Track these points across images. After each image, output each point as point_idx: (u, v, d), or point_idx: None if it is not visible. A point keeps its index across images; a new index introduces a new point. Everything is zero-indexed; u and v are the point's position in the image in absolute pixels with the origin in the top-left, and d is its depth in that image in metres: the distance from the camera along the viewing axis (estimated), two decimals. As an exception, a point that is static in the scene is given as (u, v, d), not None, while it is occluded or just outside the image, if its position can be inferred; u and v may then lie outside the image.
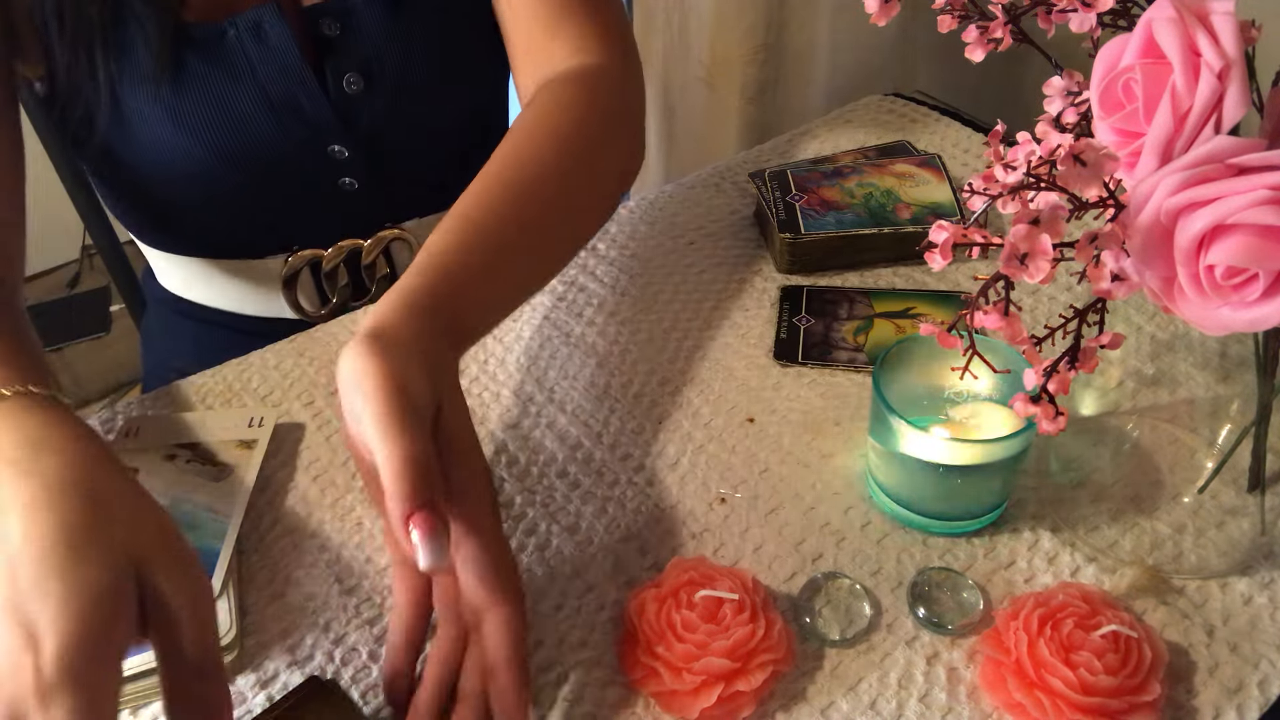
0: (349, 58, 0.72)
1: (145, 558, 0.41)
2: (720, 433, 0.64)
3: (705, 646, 0.48)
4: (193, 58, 0.67)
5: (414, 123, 0.77)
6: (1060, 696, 0.46)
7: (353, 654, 0.52)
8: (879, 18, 0.45)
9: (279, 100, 0.70)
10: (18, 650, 0.38)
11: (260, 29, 0.68)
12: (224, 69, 0.68)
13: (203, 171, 0.71)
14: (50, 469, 0.43)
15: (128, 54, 0.65)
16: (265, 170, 0.73)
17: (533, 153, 0.61)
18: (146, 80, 0.66)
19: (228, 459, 0.60)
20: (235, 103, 0.69)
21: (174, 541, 0.43)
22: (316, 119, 0.72)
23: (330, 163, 0.75)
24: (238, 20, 0.67)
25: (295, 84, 0.70)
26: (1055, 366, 0.41)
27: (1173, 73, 0.37)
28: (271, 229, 0.79)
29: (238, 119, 0.69)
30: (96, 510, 0.41)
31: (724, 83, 1.35)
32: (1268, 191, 0.34)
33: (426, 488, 0.43)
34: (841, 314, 0.72)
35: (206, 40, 0.67)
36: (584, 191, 0.64)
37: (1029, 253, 0.37)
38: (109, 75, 0.65)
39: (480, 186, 0.58)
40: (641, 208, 0.85)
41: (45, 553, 0.39)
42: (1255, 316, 0.37)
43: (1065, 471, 0.61)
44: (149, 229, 0.81)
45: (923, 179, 0.81)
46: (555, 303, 0.74)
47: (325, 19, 0.70)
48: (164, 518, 0.43)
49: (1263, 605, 0.53)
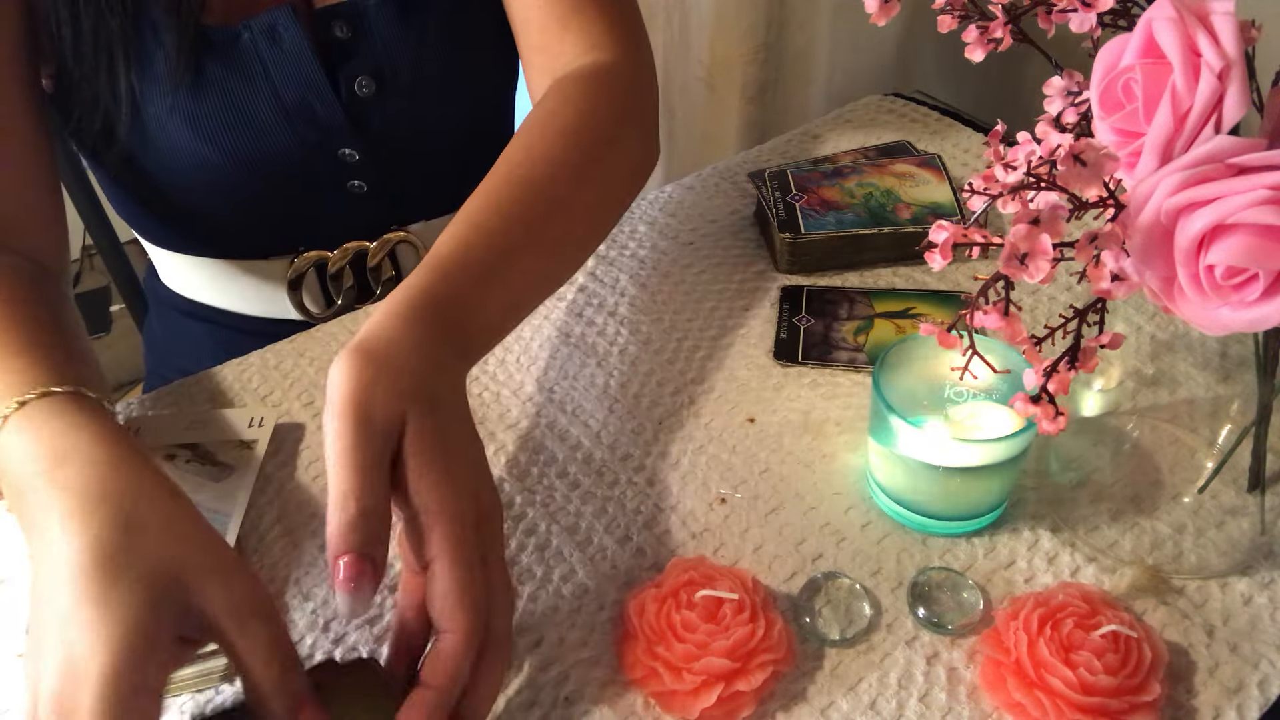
0: (360, 61, 0.72)
1: (184, 569, 0.40)
2: (720, 433, 0.64)
3: (705, 646, 0.48)
4: (209, 62, 0.67)
5: (424, 126, 0.77)
6: (1060, 696, 0.46)
7: (352, 654, 0.52)
8: (879, 18, 0.45)
9: (292, 103, 0.70)
10: (64, 676, 0.38)
11: (275, 32, 0.68)
12: (239, 72, 0.68)
13: (215, 174, 0.71)
14: (79, 481, 0.42)
15: (147, 63, 0.65)
16: (277, 173, 0.73)
17: (543, 150, 0.61)
18: (165, 87, 0.66)
19: (228, 459, 0.60)
20: (250, 106, 0.69)
21: (214, 549, 0.42)
22: (328, 122, 0.72)
23: (340, 165, 0.75)
24: (253, 23, 0.67)
25: (308, 87, 0.70)
26: (1055, 366, 0.41)
27: (1173, 73, 0.37)
28: (279, 231, 0.78)
29: (252, 122, 0.69)
30: (129, 525, 0.41)
31: (724, 83, 1.35)
32: (1268, 191, 0.34)
33: (361, 530, 0.41)
34: (841, 314, 0.72)
35: (222, 44, 0.67)
36: (596, 189, 0.63)
37: (1029, 253, 0.37)
38: (129, 86, 0.65)
39: (488, 187, 0.58)
40: (641, 208, 0.85)
41: (77, 576, 0.39)
42: (1255, 316, 0.37)
43: (1065, 471, 0.61)
44: (156, 230, 0.81)
45: (923, 179, 0.81)
46: (555, 303, 0.74)
47: (337, 21, 0.70)
48: (200, 524, 0.43)
49: (1263, 605, 0.53)
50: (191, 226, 0.78)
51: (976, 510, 0.56)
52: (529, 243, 0.56)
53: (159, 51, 0.65)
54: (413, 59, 0.73)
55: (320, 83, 0.70)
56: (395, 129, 0.75)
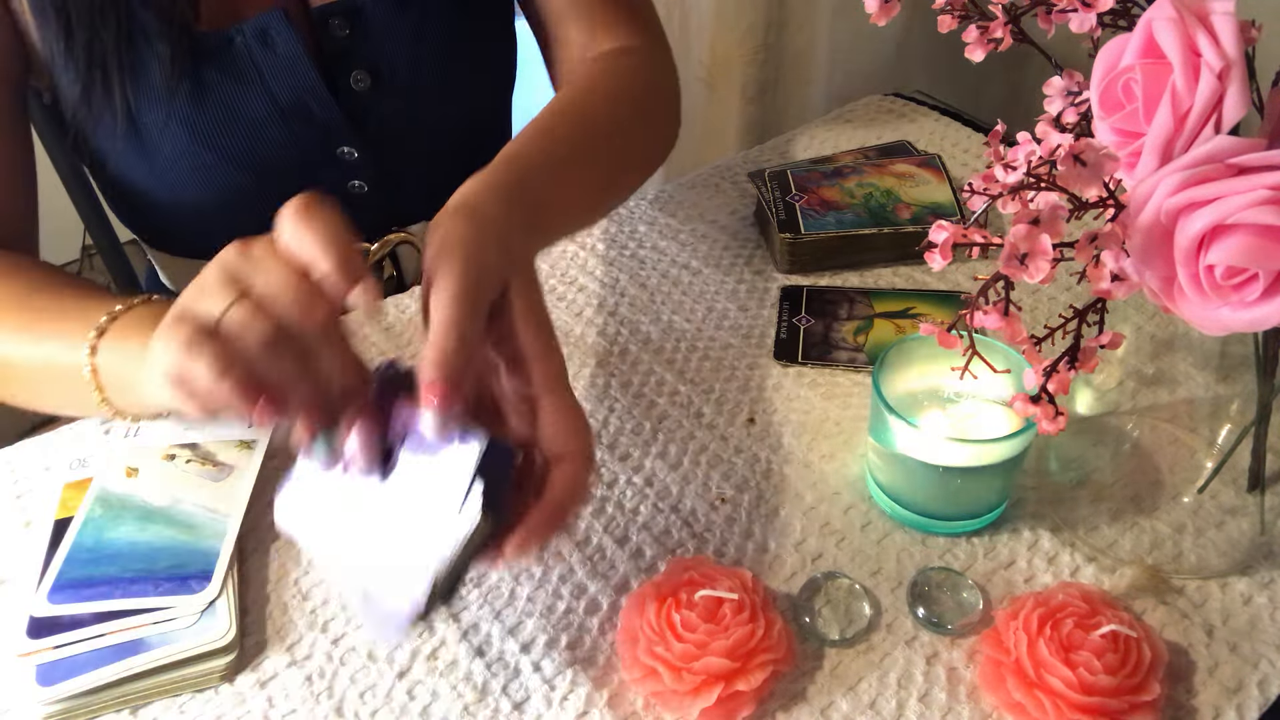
0: (358, 57, 0.72)
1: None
2: (720, 433, 0.64)
3: (705, 646, 0.48)
4: (203, 68, 0.67)
5: (421, 124, 0.78)
6: (1060, 696, 0.46)
7: (352, 654, 0.52)
8: (879, 18, 0.45)
9: (289, 104, 0.70)
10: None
11: (267, 35, 0.68)
12: (234, 76, 0.68)
13: (216, 178, 0.71)
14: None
15: (142, 72, 0.66)
16: (276, 175, 0.73)
17: (584, 101, 0.67)
18: (161, 95, 0.66)
19: (228, 459, 0.60)
20: (247, 109, 0.69)
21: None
22: (326, 120, 0.72)
23: (340, 165, 0.75)
24: (244, 27, 0.67)
25: (304, 88, 0.70)
26: (1055, 366, 0.41)
27: (1173, 73, 0.37)
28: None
29: (249, 125, 0.70)
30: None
31: (724, 83, 1.35)
32: (1268, 191, 0.34)
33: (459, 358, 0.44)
34: (841, 314, 0.72)
35: (215, 49, 0.67)
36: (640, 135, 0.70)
37: (1029, 253, 0.37)
38: (124, 96, 0.66)
39: (535, 121, 0.63)
40: (641, 207, 0.85)
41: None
42: (1255, 316, 0.37)
43: (1065, 471, 0.61)
44: (156, 234, 0.81)
45: (923, 179, 0.81)
46: (555, 303, 0.74)
47: (334, 19, 0.70)
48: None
49: (1263, 605, 0.53)
50: (191, 231, 0.78)
51: (976, 510, 0.56)
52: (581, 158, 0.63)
53: (153, 60, 0.65)
54: (410, 56, 0.73)
55: (316, 82, 0.70)
56: (392, 127, 0.76)
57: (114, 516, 0.56)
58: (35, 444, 0.63)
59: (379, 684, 0.50)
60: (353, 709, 0.49)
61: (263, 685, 0.50)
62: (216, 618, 0.51)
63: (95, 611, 0.51)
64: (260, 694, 0.50)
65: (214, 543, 0.55)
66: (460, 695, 0.50)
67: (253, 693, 0.50)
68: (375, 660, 0.51)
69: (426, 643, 0.52)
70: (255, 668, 0.51)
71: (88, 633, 0.50)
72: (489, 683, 0.50)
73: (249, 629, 0.53)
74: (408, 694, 0.50)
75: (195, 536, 0.55)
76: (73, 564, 0.53)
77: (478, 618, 0.53)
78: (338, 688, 0.50)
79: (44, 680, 0.48)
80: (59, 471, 0.59)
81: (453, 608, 0.54)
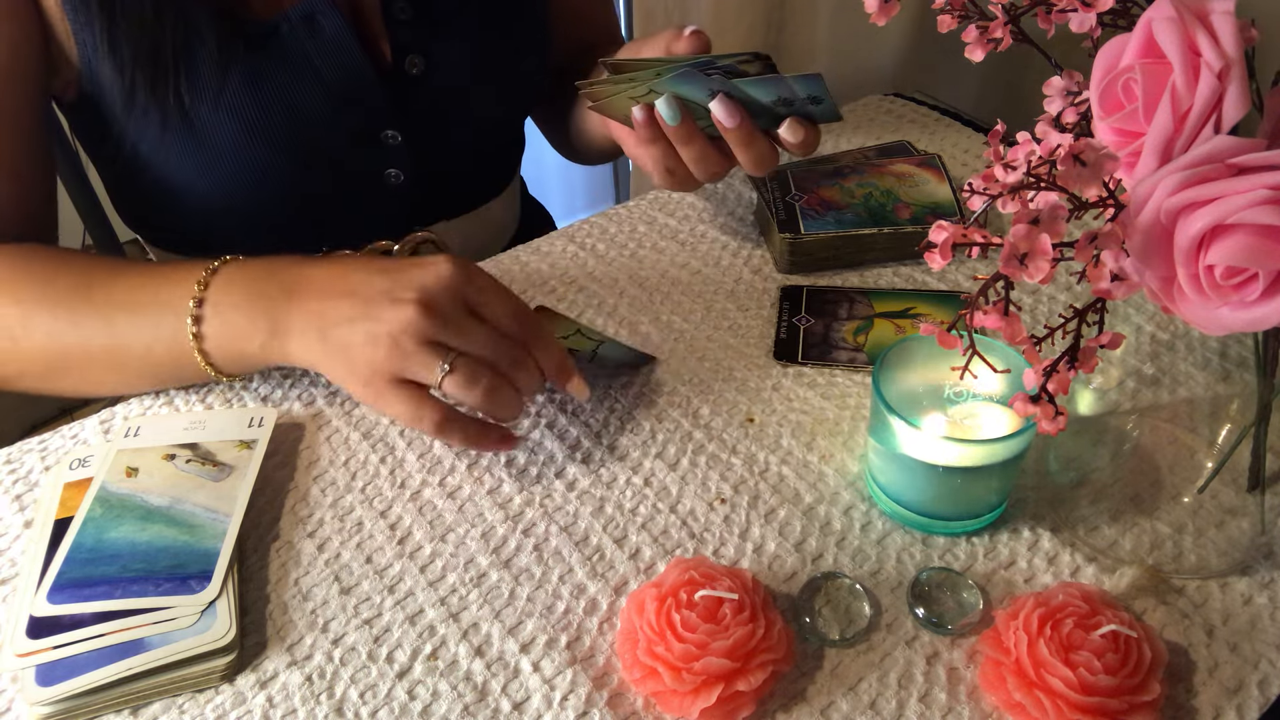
0: (417, 41, 0.74)
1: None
2: (720, 433, 0.64)
3: (705, 646, 0.48)
4: (251, 57, 0.68)
5: (465, 116, 0.80)
6: (1060, 696, 0.46)
7: (352, 654, 0.52)
8: (879, 18, 0.45)
9: (337, 90, 0.72)
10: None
11: (314, 21, 0.69)
12: (279, 62, 0.69)
13: (258, 170, 0.72)
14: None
15: (193, 68, 0.66)
16: (321, 162, 0.74)
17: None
18: (210, 87, 0.67)
19: (228, 459, 0.60)
20: (295, 96, 0.70)
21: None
22: (373, 104, 0.74)
23: (383, 149, 0.77)
24: (290, 14, 0.69)
25: (351, 73, 0.72)
26: (1055, 366, 0.41)
27: (1173, 73, 0.37)
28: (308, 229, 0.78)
29: (299, 112, 0.71)
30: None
31: (724, 83, 1.35)
32: (1268, 191, 0.34)
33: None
34: (841, 314, 0.72)
35: (261, 37, 0.68)
36: None
37: (1029, 253, 0.37)
38: (176, 91, 0.67)
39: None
40: (641, 208, 0.85)
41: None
42: (1255, 316, 0.37)
43: (1065, 471, 0.61)
44: (165, 230, 0.81)
45: (923, 179, 0.81)
46: (555, 303, 0.74)
47: (399, 2, 0.73)
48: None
49: (1263, 605, 0.53)
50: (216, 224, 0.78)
51: (976, 510, 0.56)
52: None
53: (201, 50, 0.66)
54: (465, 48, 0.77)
55: (363, 62, 0.72)
56: (438, 114, 0.78)
57: (114, 516, 0.56)
58: (35, 444, 0.63)
59: (379, 684, 0.50)
60: (353, 709, 0.49)
61: (263, 685, 0.50)
62: (216, 618, 0.51)
63: (95, 611, 0.51)
64: (260, 694, 0.50)
65: (214, 543, 0.55)
66: (460, 695, 0.50)
67: (253, 693, 0.50)
68: (376, 661, 0.51)
69: (426, 642, 0.52)
70: (255, 668, 0.51)
71: (87, 633, 0.50)
72: (489, 683, 0.50)
73: (249, 629, 0.53)
74: (408, 694, 0.50)
75: (195, 536, 0.55)
76: (72, 564, 0.53)
77: (478, 618, 0.53)
78: (338, 688, 0.50)
79: (44, 680, 0.48)
80: (59, 471, 0.59)
81: (453, 608, 0.54)
